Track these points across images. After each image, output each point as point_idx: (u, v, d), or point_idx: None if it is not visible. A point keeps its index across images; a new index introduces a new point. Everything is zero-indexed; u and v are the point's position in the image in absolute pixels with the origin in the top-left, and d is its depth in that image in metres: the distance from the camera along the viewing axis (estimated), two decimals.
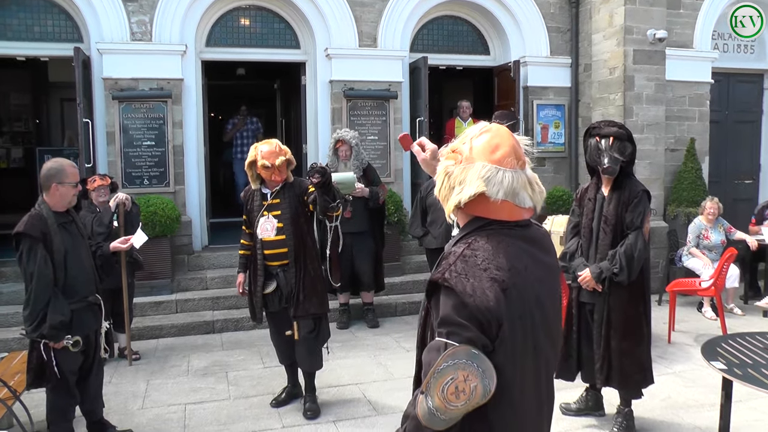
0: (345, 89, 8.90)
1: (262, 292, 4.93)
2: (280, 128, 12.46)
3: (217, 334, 7.34)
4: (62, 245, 4.15)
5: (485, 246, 1.83)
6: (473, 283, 1.76)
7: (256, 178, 4.92)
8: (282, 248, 4.88)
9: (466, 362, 1.70)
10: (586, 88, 9.81)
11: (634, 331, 4.52)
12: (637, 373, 4.55)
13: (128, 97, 8.14)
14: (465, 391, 1.70)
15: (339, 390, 5.58)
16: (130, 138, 8.19)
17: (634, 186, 4.49)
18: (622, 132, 4.51)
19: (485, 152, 1.87)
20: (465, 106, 10.01)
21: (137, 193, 7.90)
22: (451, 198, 1.89)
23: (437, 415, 1.73)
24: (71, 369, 4.28)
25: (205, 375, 6.04)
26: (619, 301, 4.52)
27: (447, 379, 1.70)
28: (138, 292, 7.14)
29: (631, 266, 4.40)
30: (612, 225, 4.53)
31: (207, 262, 8.50)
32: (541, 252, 1.93)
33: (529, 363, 1.84)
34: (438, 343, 1.76)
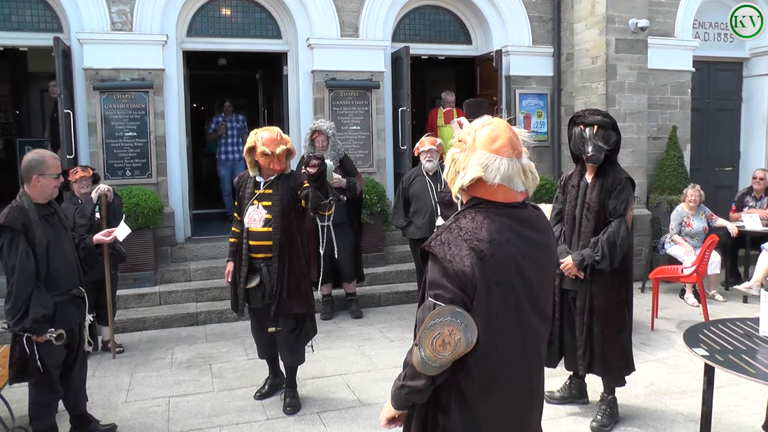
0: (327, 79, 8.84)
1: (245, 286, 4.80)
2: (263, 119, 12.36)
3: (201, 326, 7.29)
4: (44, 237, 4.08)
5: (471, 221, 2.15)
6: (453, 251, 2.09)
7: (254, 165, 4.78)
8: (267, 241, 4.74)
9: (451, 319, 2.06)
10: (568, 77, 9.81)
11: (617, 318, 4.52)
12: (619, 360, 4.56)
13: (109, 87, 8.04)
14: (450, 343, 2.07)
15: (323, 381, 5.56)
16: (111, 129, 8.10)
17: (617, 173, 4.47)
18: (607, 121, 4.47)
19: (486, 142, 2.19)
20: (448, 100, 10.03)
21: (119, 184, 7.82)
22: (456, 181, 2.23)
23: (429, 363, 2.11)
24: (55, 363, 4.22)
25: (189, 367, 6.00)
26: (602, 288, 4.52)
27: (435, 333, 2.06)
28: (121, 284, 7.07)
29: (613, 254, 4.40)
30: (595, 212, 4.52)
31: (190, 254, 8.43)
32: (530, 230, 2.20)
33: (510, 325, 2.14)
34: (428, 302, 2.12)
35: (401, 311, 7.64)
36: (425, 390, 2.17)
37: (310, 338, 5.06)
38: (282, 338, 4.90)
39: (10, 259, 3.99)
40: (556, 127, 10.01)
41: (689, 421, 4.65)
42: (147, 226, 7.71)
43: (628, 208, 4.43)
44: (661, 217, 9.05)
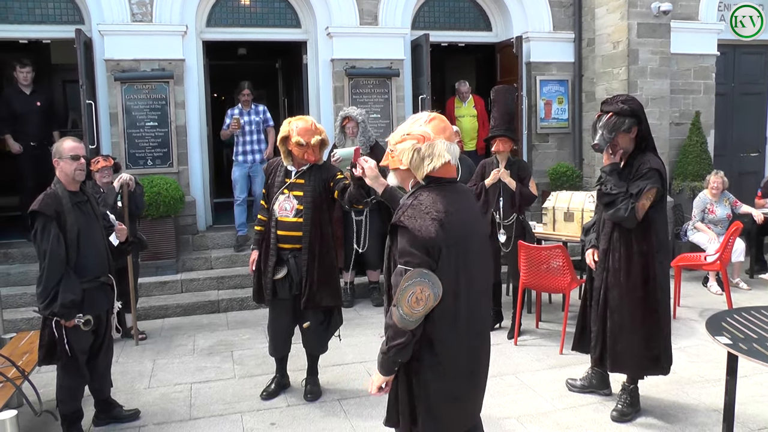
0: (347, 68, 8.81)
1: (273, 277, 4.72)
2: (283, 107, 12.37)
3: (222, 314, 7.34)
4: (75, 224, 4.15)
5: (427, 197, 2.66)
6: (420, 222, 2.57)
7: (288, 155, 4.69)
8: (297, 231, 4.66)
9: (420, 279, 2.52)
10: (589, 62, 9.69)
11: (633, 315, 4.37)
12: (631, 360, 4.43)
13: (130, 78, 8.09)
14: (422, 299, 2.53)
15: (343, 369, 5.57)
16: (132, 119, 8.15)
17: (644, 162, 4.27)
18: (624, 107, 4.27)
19: (440, 132, 2.71)
20: (463, 89, 9.93)
21: (141, 173, 7.87)
22: (423, 167, 2.69)
23: (407, 319, 2.55)
24: (82, 348, 4.29)
25: (210, 354, 6.04)
26: (616, 281, 4.40)
27: (409, 293, 2.52)
28: (143, 272, 7.13)
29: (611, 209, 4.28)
30: None
31: (211, 242, 8.48)
32: (467, 201, 2.79)
33: (462, 276, 2.65)
34: (400, 269, 2.59)
35: None
36: (409, 344, 2.61)
37: (337, 328, 5.02)
38: (310, 331, 4.86)
39: (42, 245, 4.05)
40: (577, 113, 9.91)
41: (712, 411, 4.59)
42: (168, 215, 7.77)
43: (642, 196, 4.21)
44: (684, 204, 8.93)
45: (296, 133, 4.57)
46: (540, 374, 5.34)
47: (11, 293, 7.15)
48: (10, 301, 7.03)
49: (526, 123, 9.87)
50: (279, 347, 5.00)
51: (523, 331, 6.36)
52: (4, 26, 8.16)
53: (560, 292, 6.12)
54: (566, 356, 5.60)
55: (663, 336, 4.43)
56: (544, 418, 4.57)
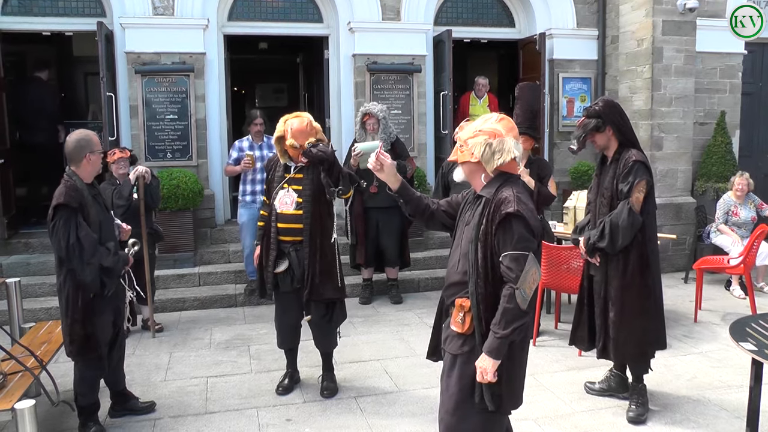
0: (368, 63, 8.78)
1: (273, 271, 4.76)
2: (303, 102, 12.36)
3: (240, 308, 7.35)
4: (97, 217, 4.17)
5: (518, 190, 2.92)
6: (528, 212, 2.85)
7: (284, 153, 4.74)
8: (297, 224, 4.70)
9: (533, 262, 2.81)
10: (613, 60, 9.59)
11: (632, 304, 4.48)
12: (633, 348, 4.53)
13: (151, 71, 8.11)
14: (536, 279, 2.83)
15: (360, 366, 5.56)
16: (153, 112, 8.18)
17: (628, 157, 4.46)
18: (592, 109, 4.55)
19: (509, 131, 2.99)
20: (481, 83, 9.84)
21: (160, 166, 7.91)
22: (494, 161, 2.94)
23: (527, 299, 2.80)
24: (105, 340, 4.32)
25: (227, 348, 6.05)
26: (616, 273, 4.50)
27: (530, 275, 2.80)
28: (161, 265, 7.16)
29: (614, 234, 4.39)
30: (608, 198, 4.55)
31: (229, 236, 8.50)
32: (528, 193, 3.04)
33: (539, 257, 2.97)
34: (517, 255, 2.82)
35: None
36: (529, 324, 2.92)
37: (340, 323, 5.02)
38: (314, 325, 4.88)
39: (69, 236, 4.01)
40: None
41: (734, 418, 4.52)
42: (187, 208, 7.79)
43: (633, 190, 4.38)
44: (707, 206, 8.80)
45: (291, 135, 4.59)
46: (558, 376, 5.30)
47: (30, 282, 7.21)
48: (29, 290, 7.09)
49: (548, 121, 9.77)
50: (287, 339, 5.04)
51: (542, 332, 6.31)
52: (28, 18, 8.23)
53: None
54: (585, 358, 5.55)
55: (656, 321, 4.59)
56: (563, 421, 4.52)
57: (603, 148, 4.60)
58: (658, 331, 4.61)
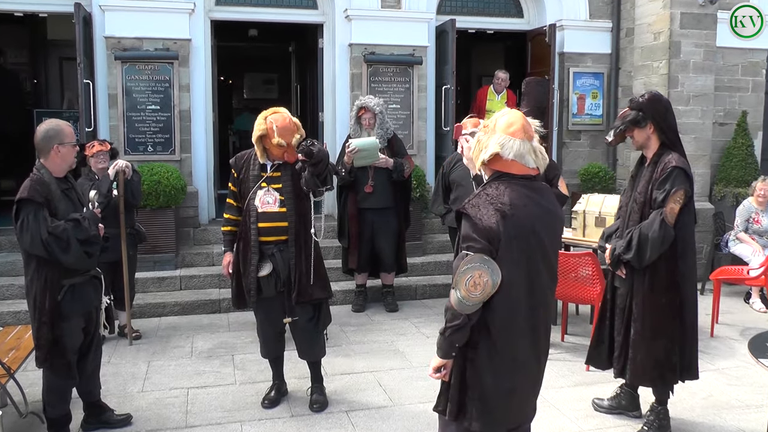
0: (365, 53, 8.79)
1: (257, 275, 4.74)
2: (295, 94, 12.38)
3: (224, 314, 7.34)
4: (66, 213, 4.15)
5: (495, 189, 2.91)
6: (482, 211, 2.85)
7: (264, 152, 4.72)
8: (282, 222, 4.73)
9: (480, 265, 2.78)
10: (627, 54, 9.62)
11: (656, 323, 4.42)
12: (652, 370, 4.46)
13: (132, 57, 8.10)
14: (480, 284, 2.78)
15: (352, 378, 5.56)
16: (133, 101, 8.17)
17: (667, 161, 4.38)
18: (637, 100, 4.50)
19: (503, 127, 2.97)
20: (502, 78, 9.82)
21: (140, 160, 7.89)
22: (479, 156, 3.00)
23: (464, 302, 2.81)
24: (74, 346, 4.29)
25: (209, 357, 6.05)
26: (641, 287, 4.45)
27: (468, 276, 2.77)
28: (140, 267, 7.15)
29: (642, 247, 4.32)
30: (640, 204, 4.48)
31: (214, 237, 8.49)
32: (541, 198, 2.97)
33: (524, 271, 2.87)
34: (462, 254, 2.86)
35: (439, 305, 7.58)
36: (464, 327, 2.86)
37: (326, 325, 5.06)
38: (299, 329, 4.88)
39: (38, 232, 3.98)
40: (612, 109, 9.83)
41: None
42: (169, 206, 7.78)
43: (668, 200, 4.30)
44: (726, 212, 8.83)
45: (278, 134, 4.58)
46: (564, 392, 5.30)
47: None
48: None
49: (557, 118, 9.80)
50: (272, 348, 5.05)
51: None
52: None
53: (589, 303, 6.08)
54: (593, 373, 5.56)
55: (686, 347, 4.49)
56: None
57: (641, 146, 4.53)
58: (688, 359, 4.50)
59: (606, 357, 4.75)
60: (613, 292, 4.72)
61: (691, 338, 4.52)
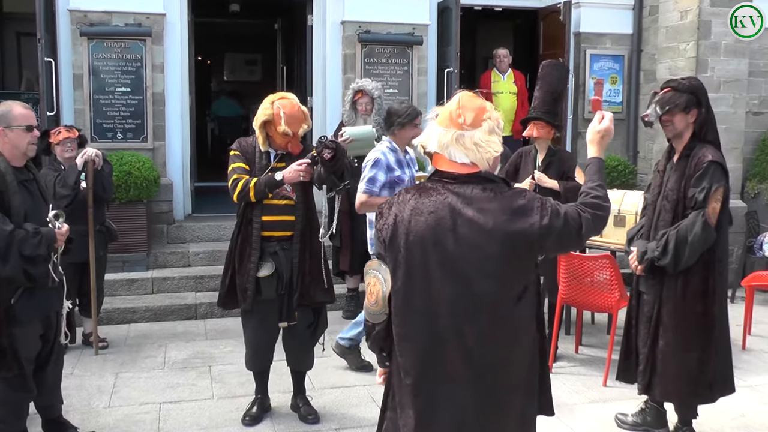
0: (359, 32, 8.77)
1: (256, 274, 4.73)
2: (281, 77, 12.34)
3: (201, 321, 7.34)
4: (22, 207, 4.10)
5: (406, 192, 2.77)
6: (386, 217, 2.75)
7: (266, 139, 4.72)
8: (289, 215, 4.74)
9: (375, 272, 2.78)
10: (650, 35, 9.62)
11: (688, 333, 4.41)
12: (686, 385, 4.45)
13: (99, 33, 8.07)
14: (374, 292, 2.76)
15: (343, 392, 5.56)
16: (101, 83, 8.13)
17: (702, 155, 4.36)
18: (684, 83, 4.44)
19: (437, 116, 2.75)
20: (502, 55, 9.82)
21: (109, 148, 7.84)
22: None
23: (367, 309, 2.82)
24: (29, 356, 4.25)
25: (184, 369, 6.04)
26: (673, 294, 4.44)
27: (366, 282, 2.80)
28: (108, 268, 7.11)
29: (680, 251, 4.30)
30: (673, 201, 4.45)
31: (190, 234, 8.48)
32: (467, 205, 2.61)
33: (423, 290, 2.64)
34: None
35: None
36: (370, 336, 2.87)
37: (323, 333, 5.06)
38: (296, 336, 4.88)
39: None
40: (633, 96, 9.84)
41: None
42: (140, 200, 7.77)
43: (710, 199, 4.28)
44: (760, 211, 8.85)
45: (285, 121, 4.57)
46: (580, 409, 5.31)
47: None
48: None
49: (572, 106, 9.81)
50: (260, 360, 5.02)
51: (560, 357, 6.32)
52: None
53: (606, 310, 6.07)
54: (611, 388, 5.56)
55: (720, 359, 4.48)
56: None
57: (675, 134, 4.47)
58: (723, 373, 4.50)
59: (634, 370, 4.72)
60: (638, 297, 4.70)
61: (726, 351, 4.52)
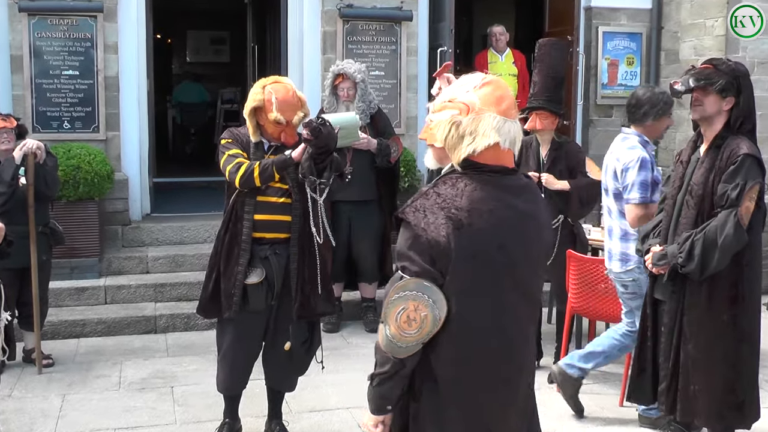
0: (341, 6, 8.77)
1: (244, 281, 4.69)
2: (251, 58, 12.33)
3: (161, 335, 7.33)
4: None
5: (452, 187, 2.62)
6: (429, 219, 2.56)
7: (257, 129, 4.73)
8: (284, 215, 4.72)
9: (416, 293, 2.52)
10: (672, 10, 9.66)
11: (715, 346, 4.39)
12: (709, 405, 4.44)
13: (42, 9, 8.05)
14: (416, 319, 2.52)
15: (324, 416, 5.57)
16: (44, 65, 8.10)
17: (735, 146, 4.31)
18: (728, 64, 4.40)
19: (492, 103, 2.63)
20: (498, 32, 9.86)
21: (54, 139, 7.82)
22: (461, 148, 2.62)
23: (395, 343, 2.56)
24: None
25: (143, 390, 6.02)
26: (697, 301, 4.41)
27: (399, 309, 2.53)
28: (54, 275, 7.08)
29: (708, 256, 4.25)
30: (698, 197, 4.40)
31: (149, 236, 8.47)
32: (518, 199, 2.68)
33: (487, 303, 2.60)
34: (395, 275, 2.62)
35: None
36: (395, 376, 2.62)
37: (315, 351, 5.01)
38: (286, 355, 4.83)
39: None
40: (653, 79, 9.87)
41: None
42: (91, 198, 7.75)
43: (744, 197, 4.24)
44: None
45: (277, 108, 4.57)
46: None
47: None
48: None
49: (582, 90, 9.84)
50: (236, 381, 4.95)
51: None
52: None
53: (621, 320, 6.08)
54: (629, 408, 5.56)
55: (750, 376, 4.47)
56: None
57: (703, 118, 4.42)
58: (745, 395, 4.48)
59: (651, 388, 4.71)
60: (654, 305, 4.70)
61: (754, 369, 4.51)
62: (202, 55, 16.83)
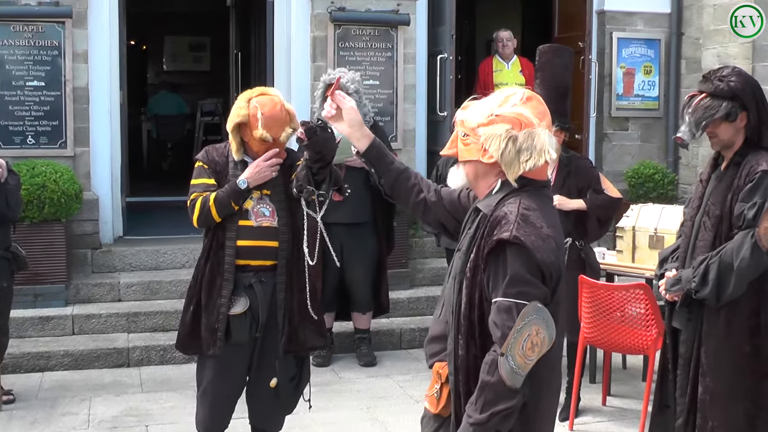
0: (332, 9, 8.81)
1: (228, 312, 4.65)
2: (234, 65, 12.38)
3: (134, 368, 7.31)
4: None
5: (532, 206, 2.81)
6: (536, 240, 2.72)
7: (241, 145, 4.70)
8: (271, 241, 4.69)
9: (536, 317, 2.65)
10: (693, 15, 9.71)
11: (733, 378, 4.38)
12: None
13: (5, 14, 8.08)
14: (538, 343, 2.67)
15: None
16: (7, 75, 8.13)
17: (755, 163, 4.28)
18: (722, 86, 4.31)
19: (539, 118, 2.84)
20: (505, 38, 9.89)
21: (17, 156, 7.84)
22: (518, 163, 2.79)
23: (519, 373, 2.66)
24: None
25: (114, 429, 6.01)
26: (714, 329, 4.39)
27: (525, 336, 2.63)
28: (15, 302, 7.08)
29: (723, 281, 4.23)
30: (716, 218, 4.39)
31: (121, 261, 8.47)
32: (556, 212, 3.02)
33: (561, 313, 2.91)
34: (508, 303, 2.70)
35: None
36: (516, 409, 2.71)
37: (304, 389, 4.98)
38: (272, 392, 4.80)
39: None
40: (673, 89, 9.92)
41: None
42: (57, 219, 7.75)
43: (763, 217, 4.20)
44: None
45: (263, 125, 4.54)
46: None
47: None
48: None
49: (595, 101, 9.86)
50: (217, 420, 4.91)
51: (583, 410, 6.34)
52: None
53: (640, 352, 6.08)
54: None
55: None
56: None
57: (726, 146, 4.41)
58: None
59: (672, 422, 4.67)
60: (674, 335, 4.70)
61: None
62: (180, 63, 16.85)
